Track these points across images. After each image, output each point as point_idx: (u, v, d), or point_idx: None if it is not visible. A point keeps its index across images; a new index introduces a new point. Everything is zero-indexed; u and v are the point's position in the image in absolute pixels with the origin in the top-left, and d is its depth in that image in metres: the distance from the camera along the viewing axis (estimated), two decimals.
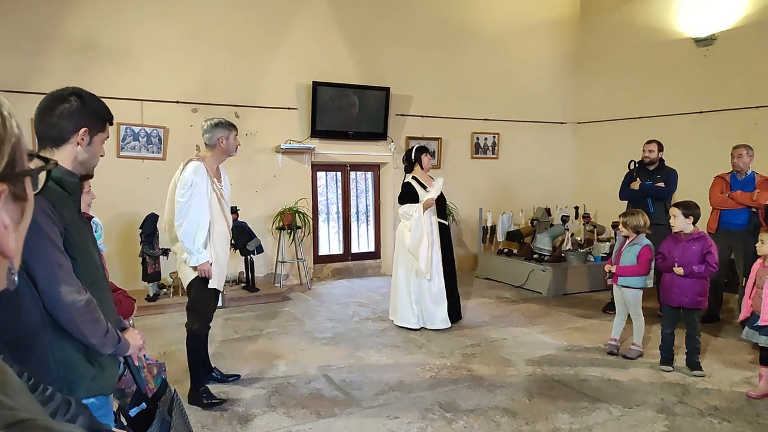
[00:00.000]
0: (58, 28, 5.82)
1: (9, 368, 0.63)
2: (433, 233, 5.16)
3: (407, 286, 5.21)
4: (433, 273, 5.15)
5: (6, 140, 0.54)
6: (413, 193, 5.17)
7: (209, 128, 3.55)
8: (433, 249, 5.13)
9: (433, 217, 5.21)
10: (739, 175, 5.32)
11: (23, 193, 0.57)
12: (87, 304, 1.52)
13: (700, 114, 7.10)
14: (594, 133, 8.70)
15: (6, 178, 0.54)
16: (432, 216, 5.20)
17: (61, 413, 1.22)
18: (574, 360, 4.40)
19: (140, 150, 6.25)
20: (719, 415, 3.42)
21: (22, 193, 0.57)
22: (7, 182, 0.54)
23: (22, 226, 0.59)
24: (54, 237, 1.48)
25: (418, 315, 5.18)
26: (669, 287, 4.16)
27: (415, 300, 5.17)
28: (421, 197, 5.12)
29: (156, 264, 5.78)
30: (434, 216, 5.23)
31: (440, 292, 5.18)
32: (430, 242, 5.08)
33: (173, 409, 1.71)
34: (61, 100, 1.61)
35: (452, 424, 3.31)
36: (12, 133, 0.55)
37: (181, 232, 3.39)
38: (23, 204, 0.58)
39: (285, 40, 6.93)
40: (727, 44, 6.85)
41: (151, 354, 4.26)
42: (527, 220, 7.52)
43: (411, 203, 5.13)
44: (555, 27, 8.73)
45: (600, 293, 6.52)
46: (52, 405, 1.22)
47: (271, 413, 3.47)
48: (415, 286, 5.19)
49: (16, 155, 0.55)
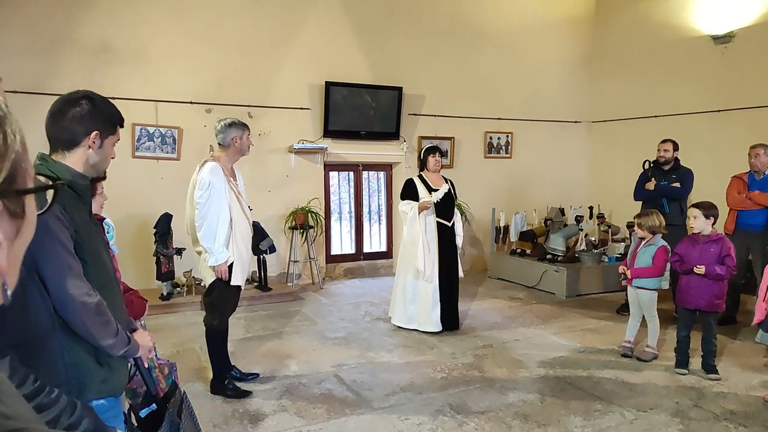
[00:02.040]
0: (73, 31, 5.89)
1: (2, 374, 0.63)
2: (427, 233, 5.06)
3: (404, 286, 5.20)
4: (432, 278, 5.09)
5: (5, 157, 0.54)
6: (413, 191, 5.12)
7: (223, 128, 3.58)
8: (428, 250, 5.05)
9: (430, 218, 5.10)
10: (757, 175, 5.23)
11: (20, 211, 0.57)
12: (97, 306, 1.53)
13: (718, 113, 6.99)
14: (609, 132, 8.61)
15: (2, 194, 0.53)
16: (429, 216, 5.09)
17: (66, 415, 1.24)
18: (588, 362, 4.36)
19: (155, 150, 6.30)
20: (735, 419, 3.36)
21: (18, 210, 0.56)
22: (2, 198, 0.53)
23: (18, 243, 0.58)
24: (64, 239, 1.49)
25: (411, 315, 5.16)
26: (686, 289, 4.10)
27: (410, 300, 5.16)
28: (421, 197, 5.06)
29: (170, 263, 5.83)
30: (432, 216, 5.10)
31: (433, 295, 5.07)
32: (425, 242, 5.01)
33: (182, 410, 1.72)
34: (73, 103, 1.63)
35: (463, 426, 3.29)
36: (13, 150, 0.55)
37: (201, 232, 3.44)
38: (20, 222, 0.57)
39: (297, 40, 6.95)
40: (746, 42, 6.73)
41: (164, 353, 4.32)
42: (541, 220, 7.46)
43: (410, 200, 5.09)
44: (569, 25, 8.64)
45: (614, 294, 6.45)
46: (57, 407, 1.23)
47: (282, 413, 3.48)
48: (411, 286, 5.16)
49: (16, 172, 0.55)
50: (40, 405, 1.20)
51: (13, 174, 0.54)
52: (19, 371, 1.20)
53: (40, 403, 1.20)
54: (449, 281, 5.16)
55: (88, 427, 1.20)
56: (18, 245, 0.59)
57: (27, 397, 1.18)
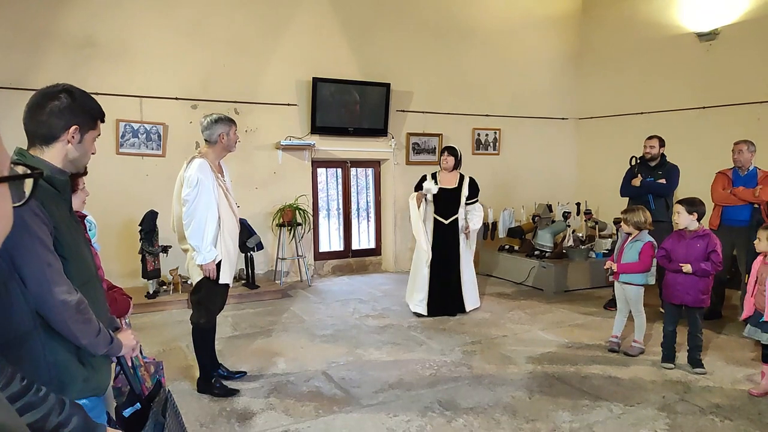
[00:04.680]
0: (55, 25, 5.79)
1: None
2: (426, 221, 5.54)
3: (413, 273, 5.71)
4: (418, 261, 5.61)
5: None
6: (421, 184, 5.57)
7: (209, 124, 3.53)
8: (422, 237, 5.50)
9: (429, 207, 5.55)
10: (741, 171, 5.28)
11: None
12: (78, 305, 1.49)
13: (703, 109, 7.05)
14: (595, 128, 8.66)
15: None
16: (428, 207, 5.54)
17: (56, 414, 1.21)
18: (575, 357, 4.38)
19: (139, 147, 6.22)
20: (721, 413, 3.39)
21: None
22: None
23: None
24: (43, 236, 1.45)
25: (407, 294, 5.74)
26: (671, 285, 4.13)
27: (410, 280, 5.73)
28: (426, 190, 5.47)
29: (156, 261, 5.76)
30: (430, 206, 5.55)
31: (422, 280, 5.52)
32: (422, 230, 5.51)
33: (167, 409, 1.69)
34: (52, 97, 1.58)
35: (452, 423, 3.29)
36: None
37: (189, 230, 3.39)
38: None
39: (285, 35, 6.89)
40: (731, 39, 6.79)
41: (150, 351, 4.28)
42: (528, 217, 7.48)
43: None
44: (556, 22, 8.67)
45: (601, 290, 6.49)
46: (45, 406, 1.21)
47: (270, 411, 3.46)
48: (413, 269, 5.73)
49: None
50: (29, 404, 1.17)
51: None
52: (6, 370, 1.17)
53: (29, 402, 1.18)
54: (447, 273, 5.53)
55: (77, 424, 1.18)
56: None
57: (15, 395, 1.15)
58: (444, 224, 5.53)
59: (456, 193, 5.56)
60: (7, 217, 0.58)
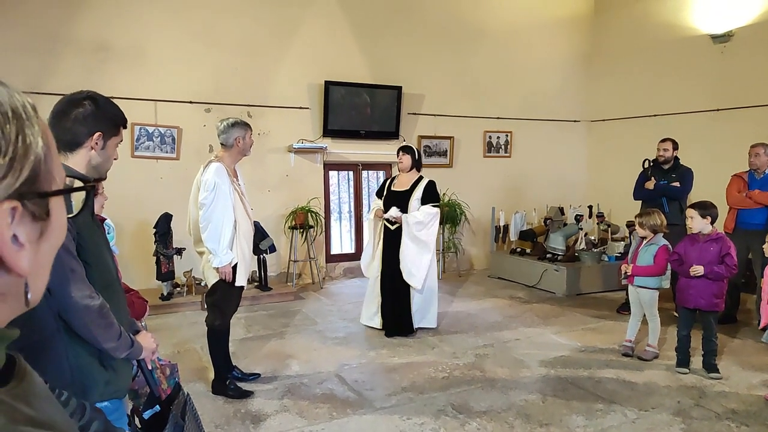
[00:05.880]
0: (71, 30, 5.87)
1: (35, 374, 0.62)
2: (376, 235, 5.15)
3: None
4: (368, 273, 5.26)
5: (23, 157, 0.53)
6: (381, 190, 5.24)
7: (226, 128, 3.56)
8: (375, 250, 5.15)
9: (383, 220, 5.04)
10: (756, 174, 5.23)
11: (43, 213, 0.56)
12: (100, 309, 1.52)
13: (717, 112, 6.99)
14: (608, 131, 8.61)
15: (23, 196, 0.53)
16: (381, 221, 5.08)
17: (77, 417, 1.23)
18: (589, 361, 4.36)
19: (154, 150, 6.28)
20: (737, 418, 3.36)
21: (41, 212, 0.56)
22: (23, 200, 0.53)
23: (43, 246, 0.57)
24: (66, 242, 1.48)
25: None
26: (685, 289, 4.10)
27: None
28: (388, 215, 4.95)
29: (170, 263, 5.82)
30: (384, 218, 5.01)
31: (371, 293, 5.21)
32: (374, 244, 5.15)
33: (186, 412, 1.71)
34: (76, 104, 1.61)
35: (465, 426, 3.29)
36: (33, 152, 0.54)
37: (206, 234, 3.43)
38: (42, 224, 0.56)
39: (296, 39, 6.93)
40: (745, 41, 6.73)
41: (164, 353, 4.30)
42: (540, 219, 7.45)
43: (377, 198, 5.22)
44: (568, 24, 8.64)
45: (614, 293, 6.45)
46: (68, 409, 1.22)
47: (284, 413, 3.48)
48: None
49: (37, 175, 0.54)
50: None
51: (34, 176, 0.54)
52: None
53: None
54: (393, 286, 4.97)
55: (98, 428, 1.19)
56: (44, 248, 0.57)
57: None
58: (390, 231, 4.98)
59: (407, 195, 4.92)
60: (62, 227, 0.60)
